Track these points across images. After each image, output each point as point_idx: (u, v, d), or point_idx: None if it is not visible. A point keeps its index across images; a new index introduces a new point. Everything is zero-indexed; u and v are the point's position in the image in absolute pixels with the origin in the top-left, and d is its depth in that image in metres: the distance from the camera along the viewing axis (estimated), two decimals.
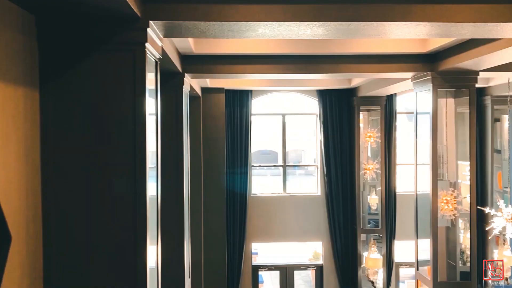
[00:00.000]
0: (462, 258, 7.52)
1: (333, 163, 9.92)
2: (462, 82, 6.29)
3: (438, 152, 6.99)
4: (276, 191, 10.57)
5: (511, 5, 3.50)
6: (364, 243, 9.80)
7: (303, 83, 9.06)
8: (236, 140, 9.68)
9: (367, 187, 10.13)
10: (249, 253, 10.11)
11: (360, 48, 5.94)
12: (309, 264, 10.66)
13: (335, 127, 9.93)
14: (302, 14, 3.50)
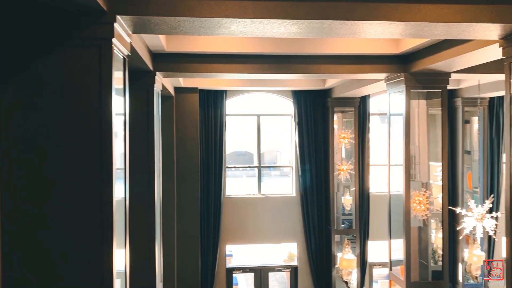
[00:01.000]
0: (434, 258, 7.59)
1: (308, 164, 9.91)
2: (434, 83, 6.34)
3: (410, 153, 7.04)
4: (251, 192, 10.49)
5: (483, 6, 3.52)
6: (339, 244, 9.82)
7: (278, 84, 9.01)
8: (210, 141, 9.55)
9: (341, 188, 10.16)
10: (223, 255, 9.99)
11: (334, 49, 5.92)
12: (284, 266, 10.62)
13: (310, 128, 9.92)
14: (275, 11, 3.42)
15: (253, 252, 11.08)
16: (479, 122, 9.92)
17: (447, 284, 6.77)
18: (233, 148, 20.00)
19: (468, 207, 6.34)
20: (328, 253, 9.83)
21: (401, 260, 6.91)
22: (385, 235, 7.64)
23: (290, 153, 10.53)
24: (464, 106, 9.58)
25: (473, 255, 8.44)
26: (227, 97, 9.73)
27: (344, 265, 9.23)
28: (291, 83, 9.12)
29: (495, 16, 3.54)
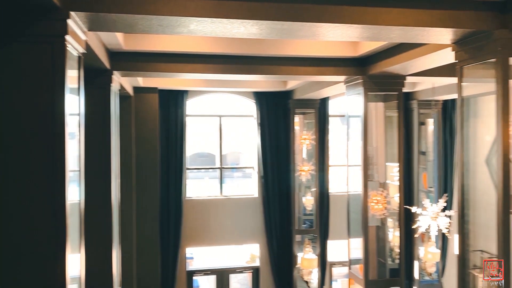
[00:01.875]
0: (391, 256, 7.79)
1: (270, 165, 9.94)
2: (390, 86, 6.50)
3: (368, 154, 7.20)
4: (213, 194, 10.41)
5: (436, 11, 3.64)
6: (300, 244, 9.91)
7: (239, 85, 8.99)
8: (171, 142, 9.40)
9: (303, 189, 10.27)
10: (184, 258, 9.86)
11: (295, 50, 5.96)
12: (246, 267, 10.61)
13: (271, 129, 9.97)
14: (235, 11, 3.41)
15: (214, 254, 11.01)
16: (433, 124, 10.29)
17: (403, 281, 6.95)
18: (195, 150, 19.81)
19: (423, 206, 6.55)
20: (289, 253, 9.90)
21: (360, 258, 7.04)
22: (344, 234, 7.78)
23: (252, 154, 10.53)
24: (420, 108, 9.89)
25: (428, 253, 8.73)
26: (188, 98, 9.61)
27: (305, 265, 9.33)
28: (253, 84, 9.13)
29: (447, 21, 3.67)
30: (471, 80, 4.33)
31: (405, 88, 6.72)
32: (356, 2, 3.56)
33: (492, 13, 3.73)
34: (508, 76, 3.78)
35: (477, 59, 4.06)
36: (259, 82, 9.07)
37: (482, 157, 7.27)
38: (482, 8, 3.71)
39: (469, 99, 4.54)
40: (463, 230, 4.49)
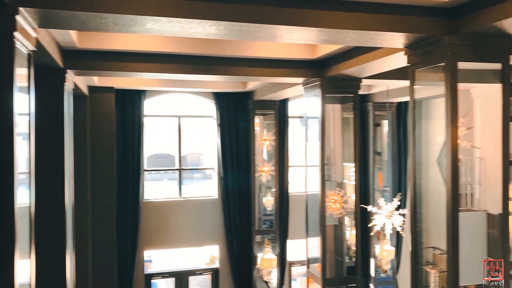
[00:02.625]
0: (348, 254, 7.97)
1: (230, 166, 9.92)
2: (347, 88, 6.66)
3: (326, 154, 7.34)
4: (172, 196, 10.25)
5: (390, 16, 3.76)
6: (260, 244, 9.95)
7: (199, 85, 8.92)
8: (128, 143, 9.18)
9: (263, 189, 10.32)
10: (141, 261, 9.66)
11: (254, 52, 5.99)
12: (205, 269, 10.53)
13: (231, 130, 9.95)
14: (193, 11, 3.38)
15: (174, 256, 10.86)
16: (388, 125, 10.61)
17: (359, 278, 7.13)
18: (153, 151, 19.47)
19: (378, 205, 6.75)
20: (249, 254, 9.92)
21: (318, 257, 7.16)
22: (303, 234, 7.88)
23: (212, 155, 10.47)
24: (375, 110, 10.18)
25: (383, 250, 9.01)
26: (145, 97, 9.43)
27: (264, 265, 9.37)
28: (213, 84, 9.09)
29: (400, 26, 3.81)
30: (423, 83, 4.50)
31: (361, 91, 6.89)
32: (313, 6, 3.62)
33: (442, 20, 3.89)
34: (457, 79, 3.96)
35: (427, 63, 4.23)
36: (219, 83, 9.04)
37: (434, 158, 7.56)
38: (433, 15, 3.87)
39: (421, 102, 4.72)
40: (415, 228, 4.66)
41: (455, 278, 4.06)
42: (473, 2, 3.67)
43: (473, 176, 5.77)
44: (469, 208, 5.47)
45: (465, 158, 5.42)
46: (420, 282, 4.92)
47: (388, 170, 10.56)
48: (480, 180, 5.53)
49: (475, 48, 3.96)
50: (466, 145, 4.83)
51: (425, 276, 5.25)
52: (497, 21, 3.49)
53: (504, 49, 4.05)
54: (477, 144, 5.03)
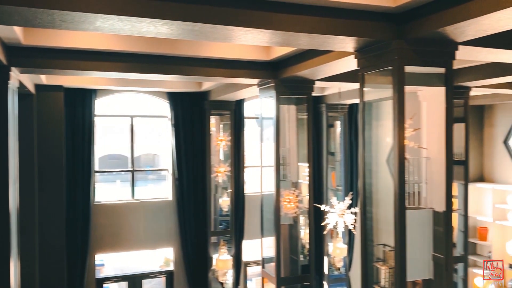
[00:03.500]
0: (303, 253, 8.09)
1: (185, 167, 9.81)
2: (301, 90, 6.76)
3: (281, 154, 7.42)
4: (124, 198, 10.00)
5: (340, 20, 3.86)
6: (216, 245, 9.91)
7: (152, 84, 8.76)
8: (78, 143, 8.87)
9: (219, 190, 10.29)
10: (93, 265, 9.36)
11: (209, 52, 5.96)
12: (159, 271, 10.37)
13: (187, 130, 9.84)
14: (144, 10, 3.31)
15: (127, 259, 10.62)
16: (341, 126, 10.89)
17: (313, 276, 7.26)
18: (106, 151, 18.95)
19: (331, 204, 6.91)
20: (204, 255, 9.85)
21: (273, 257, 7.22)
22: (259, 234, 7.92)
23: (167, 156, 10.31)
24: (328, 111, 10.41)
25: (336, 248, 9.21)
26: (97, 97, 9.15)
27: (219, 266, 9.34)
28: (167, 84, 8.95)
29: (349, 30, 3.91)
30: (372, 86, 4.65)
31: (314, 92, 7.02)
32: (266, 8, 3.65)
33: (390, 25, 4.03)
34: (403, 83, 4.11)
35: (376, 67, 4.37)
36: (173, 82, 8.91)
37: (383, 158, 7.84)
38: (381, 20, 4.00)
39: (372, 103, 4.87)
40: (365, 226, 4.79)
41: (402, 273, 4.22)
42: (419, 9, 3.83)
43: (420, 175, 6.02)
44: (416, 206, 5.67)
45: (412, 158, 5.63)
46: (370, 279, 5.07)
47: (341, 170, 10.83)
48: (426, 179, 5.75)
49: (421, 53, 4.14)
50: (413, 145, 5.02)
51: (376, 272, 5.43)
52: (440, 27, 3.66)
53: (448, 54, 4.25)
54: (424, 144, 5.24)
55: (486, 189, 9.83)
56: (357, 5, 3.76)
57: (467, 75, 6.68)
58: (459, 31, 3.71)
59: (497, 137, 10.10)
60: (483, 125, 10.42)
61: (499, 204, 9.57)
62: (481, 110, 10.36)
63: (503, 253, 9.58)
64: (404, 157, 4.23)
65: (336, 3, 3.69)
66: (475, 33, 3.80)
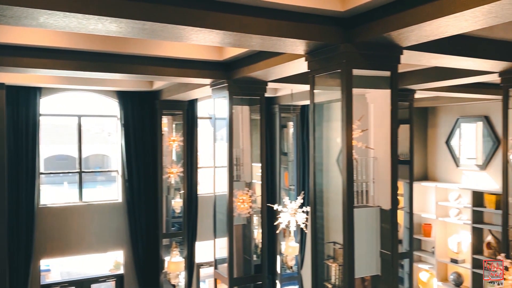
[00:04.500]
0: (256, 253, 8.15)
1: (136, 168, 9.60)
2: (253, 90, 6.80)
3: (235, 155, 7.43)
4: (71, 200, 9.63)
5: (290, 23, 3.91)
6: (168, 248, 9.77)
7: (101, 83, 8.49)
8: (21, 144, 8.45)
9: (172, 191, 10.15)
10: (37, 271, 8.95)
11: (161, 51, 5.86)
12: (109, 275, 10.08)
13: (137, 130, 9.62)
14: (92, 7, 3.21)
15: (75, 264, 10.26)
16: (293, 127, 11.06)
17: (265, 276, 7.32)
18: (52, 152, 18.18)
19: (284, 203, 7.01)
20: (156, 258, 9.68)
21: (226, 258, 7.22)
22: (212, 235, 7.89)
23: (117, 157, 10.04)
24: (281, 112, 10.56)
25: (288, 247, 9.36)
26: (42, 95, 8.75)
27: (171, 268, 9.22)
28: (116, 83, 8.71)
29: (300, 33, 3.98)
30: (322, 88, 4.76)
31: (268, 93, 7.09)
32: (218, 9, 3.64)
33: (339, 29, 4.14)
34: (351, 85, 4.24)
35: (326, 70, 4.48)
36: (123, 81, 8.69)
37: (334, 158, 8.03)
38: (330, 24, 4.10)
39: (323, 105, 4.99)
40: (315, 224, 4.90)
41: (351, 270, 4.35)
42: (366, 14, 3.96)
43: (368, 175, 6.23)
44: (364, 205, 5.86)
45: (361, 158, 5.82)
46: (321, 276, 5.18)
47: (293, 170, 11.00)
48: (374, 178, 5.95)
49: (368, 57, 4.28)
50: (361, 146, 5.19)
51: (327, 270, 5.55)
52: (386, 32, 3.81)
53: (393, 58, 4.42)
54: (371, 145, 5.42)
55: (430, 187, 10.33)
56: (307, 9, 3.83)
57: (412, 79, 7.00)
58: (403, 36, 3.87)
59: (440, 137, 10.64)
60: (427, 126, 10.94)
61: (442, 202, 10.09)
62: (425, 112, 10.87)
63: (445, 249, 10.12)
64: (352, 157, 4.37)
65: (286, 6, 3.75)
66: (418, 39, 3.98)
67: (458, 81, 6.52)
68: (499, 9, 3.08)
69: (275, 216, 7.15)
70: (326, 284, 5.33)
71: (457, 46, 4.65)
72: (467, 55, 4.79)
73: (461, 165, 10.11)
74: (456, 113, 10.18)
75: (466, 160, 10.02)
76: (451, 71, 6.04)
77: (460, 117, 10.08)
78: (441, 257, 10.08)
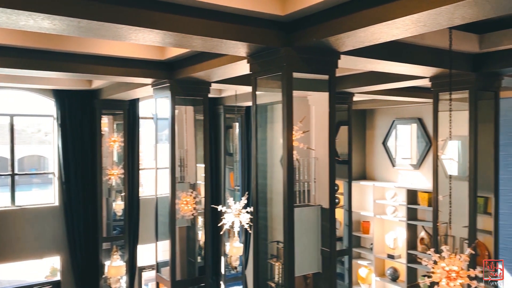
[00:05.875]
0: (201, 254, 8.11)
1: (73, 170, 9.21)
2: (197, 91, 6.76)
3: (179, 156, 7.34)
4: (3, 204, 9.07)
5: (231, 25, 3.94)
6: (108, 252, 9.47)
7: (36, 81, 8.07)
8: None
9: (113, 193, 9.85)
10: None
11: (100, 49, 5.67)
12: (44, 282, 9.60)
13: (75, 130, 9.23)
14: (22, 2, 3.06)
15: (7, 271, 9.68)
16: (239, 127, 11.10)
17: (208, 277, 7.31)
18: None
19: (228, 204, 7.04)
20: (95, 262, 9.35)
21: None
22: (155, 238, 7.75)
23: (54, 158, 9.58)
24: (226, 113, 10.56)
25: (233, 248, 9.38)
26: None
27: (112, 273, 8.95)
28: (52, 81, 8.31)
29: (241, 35, 4.01)
30: (264, 90, 4.83)
31: (212, 94, 7.07)
32: (158, 8, 3.60)
33: (279, 32, 4.23)
34: (292, 88, 4.33)
35: (267, 72, 4.55)
36: (60, 80, 8.31)
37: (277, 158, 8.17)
38: (272, 27, 4.17)
39: (266, 106, 5.06)
40: (257, 224, 4.96)
41: (291, 268, 4.44)
42: (305, 19, 4.07)
43: (310, 175, 6.41)
44: (306, 204, 6.02)
45: (303, 158, 5.98)
46: (264, 275, 5.26)
47: (239, 171, 11.04)
48: (315, 178, 6.13)
49: (307, 61, 4.40)
50: (303, 147, 5.33)
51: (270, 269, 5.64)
52: (324, 37, 3.93)
53: (331, 63, 4.57)
54: (313, 146, 5.57)
55: (368, 186, 10.76)
56: (248, 12, 3.87)
57: (350, 82, 7.27)
58: (340, 41, 4.02)
59: (377, 138, 11.12)
60: (365, 128, 11.40)
61: (379, 200, 10.55)
62: (363, 114, 11.32)
63: (383, 245, 10.59)
64: (293, 157, 4.47)
65: (228, 8, 3.77)
66: (354, 44, 4.14)
67: (393, 85, 6.85)
68: (426, 18, 3.28)
69: (220, 217, 7.15)
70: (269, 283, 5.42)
71: (391, 52, 4.89)
72: (400, 61, 5.05)
73: (397, 165, 10.62)
74: (392, 115, 10.68)
75: (402, 160, 10.54)
76: (386, 76, 6.33)
77: (396, 119, 10.59)
78: (378, 253, 10.54)
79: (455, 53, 4.99)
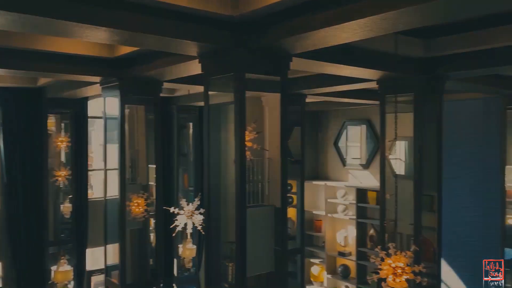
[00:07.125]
0: (152, 257, 7.95)
1: (17, 171, 8.75)
2: (148, 90, 6.61)
3: (130, 156, 7.16)
4: None
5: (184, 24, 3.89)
6: (55, 256, 9.09)
7: None
8: None
9: (61, 195, 9.46)
10: None
11: (45, 45, 5.40)
12: None
13: (19, 130, 8.76)
14: None
15: None
16: (193, 127, 10.98)
17: (159, 280, 7.20)
18: None
19: (181, 205, 6.95)
20: (40, 268, 8.94)
21: None
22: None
23: None
24: (179, 113, 10.39)
25: (186, 249, 9.28)
26: None
27: (58, 278, 8.62)
28: None
29: (193, 35, 3.97)
30: (217, 90, 4.80)
31: (165, 93, 6.94)
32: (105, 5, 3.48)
33: (231, 33, 4.21)
34: (244, 88, 4.34)
35: (219, 72, 4.54)
36: (2, 77, 7.87)
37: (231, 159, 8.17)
38: (224, 28, 4.16)
39: (219, 107, 5.04)
40: (209, 225, 4.94)
41: (243, 269, 4.45)
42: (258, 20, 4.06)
43: (264, 175, 6.44)
44: (260, 204, 6.05)
45: (256, 159, 6.00)
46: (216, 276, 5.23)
47: (193, 171, 10.92)
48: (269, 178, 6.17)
49: (259, 62, 4.42)
50: (256, 147, 5.36)
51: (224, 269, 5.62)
52: (275, 40, 3.97)
53: (283, 65, 4.62)
54: (266, 146, 5.61)
55: (320, 185, 11.00)
56: (201, 11, 3.83)
57: (303, 84, 7.38)
58: (292, 44, 4.08)
59: (329, 139, 11.40)
60: (317, 129, 11.64)
61: (331, 199, 10.80)
62: (316, 115, 11.55)
63: (334, 243, 10.85)
64: (245, 158, 4.48)
65: (178, 7, 3.71)
66: (306, 47, 4.22)
67: (342, 87, 7.03)
68: (373, 23, 3.39)
69: (173, 218, 7.05)
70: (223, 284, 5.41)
71: (341, 55, 5.00)
72: (349, 64, 5.19)
73: (348, 165, 10.91)
74: (343, 117, 10.97)
75: (352, 160, 10.85)
76: (336, 78, 6.47)
77: (346, 121, 10.88)
78: (330, 251, 10.78)
79: (401, 57, 5.19)
